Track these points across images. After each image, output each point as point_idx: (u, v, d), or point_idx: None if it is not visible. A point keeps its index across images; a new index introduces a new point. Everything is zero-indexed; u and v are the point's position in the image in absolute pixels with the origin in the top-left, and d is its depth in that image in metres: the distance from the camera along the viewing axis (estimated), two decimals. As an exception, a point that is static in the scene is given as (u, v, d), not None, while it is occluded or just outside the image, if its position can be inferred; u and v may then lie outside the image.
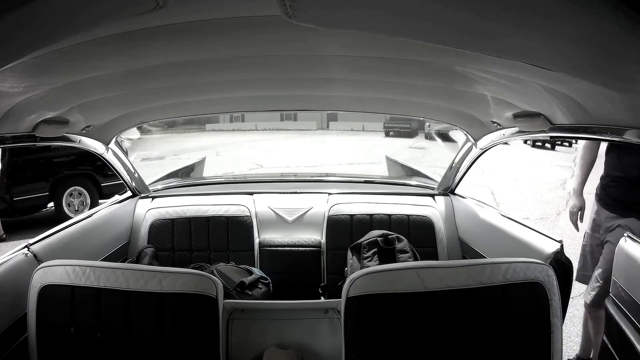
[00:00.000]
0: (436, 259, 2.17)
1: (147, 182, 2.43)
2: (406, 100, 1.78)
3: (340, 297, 1.25)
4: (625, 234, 1.51)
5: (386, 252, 1.94)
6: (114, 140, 1.99)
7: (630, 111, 0.84)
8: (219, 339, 1.29)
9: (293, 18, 0.57)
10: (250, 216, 2.27)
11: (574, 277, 1.68)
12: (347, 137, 17.98)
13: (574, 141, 13.27)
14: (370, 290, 1.18)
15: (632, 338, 1.33)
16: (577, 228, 2.42)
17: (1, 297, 1.34)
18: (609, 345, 1.50)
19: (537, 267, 1.23)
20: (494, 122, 1.67)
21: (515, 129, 1.56)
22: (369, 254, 1.95)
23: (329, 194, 2.40)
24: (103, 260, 1.93)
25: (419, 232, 2.20)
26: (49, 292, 1.29)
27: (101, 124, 1.78)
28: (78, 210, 5.87)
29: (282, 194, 2.44)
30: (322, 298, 2.06)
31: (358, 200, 2.33)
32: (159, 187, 2.53)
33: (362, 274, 1.22)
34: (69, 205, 5.92)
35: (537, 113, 1.31)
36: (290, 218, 2.34)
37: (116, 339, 1.27)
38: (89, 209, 3.04)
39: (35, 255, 1.53)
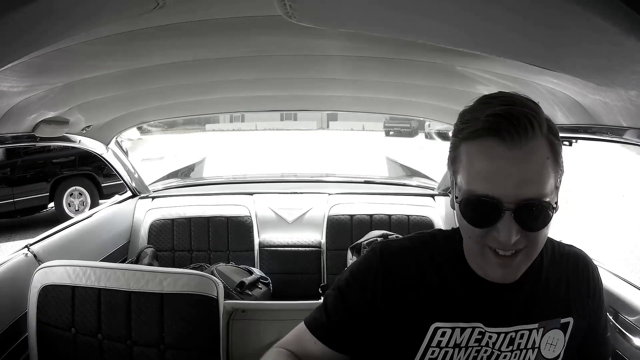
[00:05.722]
0: None
1: (147, 182, 2.43)
2: (406, 100, 1.77)
3: None
4: None
5: (386, 252, 1.94)
6: (113, 140, 1.99)
7: (630, 111, 0.83)
8: (219, 339, 1.29)
9: (293, 18, 0.57)
10: (250, 216, 2.27)
11: None
12: (348, 137, 17.98)
13: (573, 140, 13.25)
14: None
15: None
16: None
17: (1, 297, 1.34)
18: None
19: None
20: None
21: None
22: (369, 254, 1.95)
23: (329, 194, 2.40)
24: (103, 260, 1.92)
25: None
26: (49, 292, 1.29)
27: (101, 124, 1.77)
28: (78, 210, 5.87)
29: (282, 194, 2.44)
30: (322, 298, 2.05)
31: (358, 200, 2.32)
32: (159, 187, 2.53)
33: None
34: (69, 205, 5.92)
35: (537, 113, 1.31)
36: (290, 218, 2.34)
37: (116, 339, 1.27)
38: (90, 209, 3.04)
39: (35, 256, 1.53)
